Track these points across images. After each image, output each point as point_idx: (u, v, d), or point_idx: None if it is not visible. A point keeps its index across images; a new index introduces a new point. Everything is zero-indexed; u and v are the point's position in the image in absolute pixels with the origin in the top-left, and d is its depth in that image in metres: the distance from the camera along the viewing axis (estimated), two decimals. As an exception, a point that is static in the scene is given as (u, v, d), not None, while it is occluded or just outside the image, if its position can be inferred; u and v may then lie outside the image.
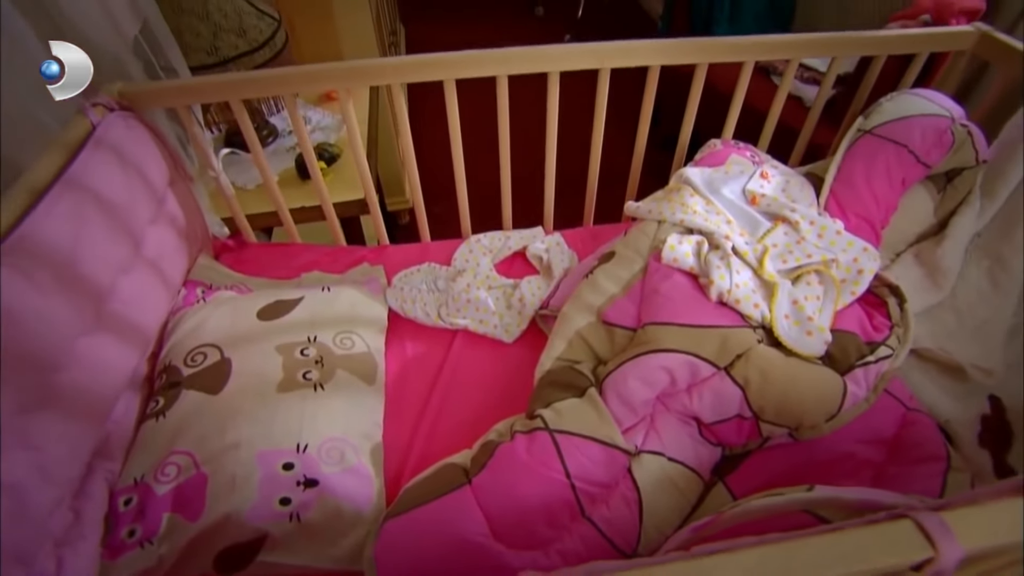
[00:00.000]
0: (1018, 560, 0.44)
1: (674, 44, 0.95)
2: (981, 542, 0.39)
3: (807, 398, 0.67)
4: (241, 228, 1.10)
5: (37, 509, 0.61)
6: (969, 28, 1.01)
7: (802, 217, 0.83)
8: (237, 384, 0.79)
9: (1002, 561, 0.44)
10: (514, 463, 0.65)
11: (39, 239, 0.66)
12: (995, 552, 0.40)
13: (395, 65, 0.89)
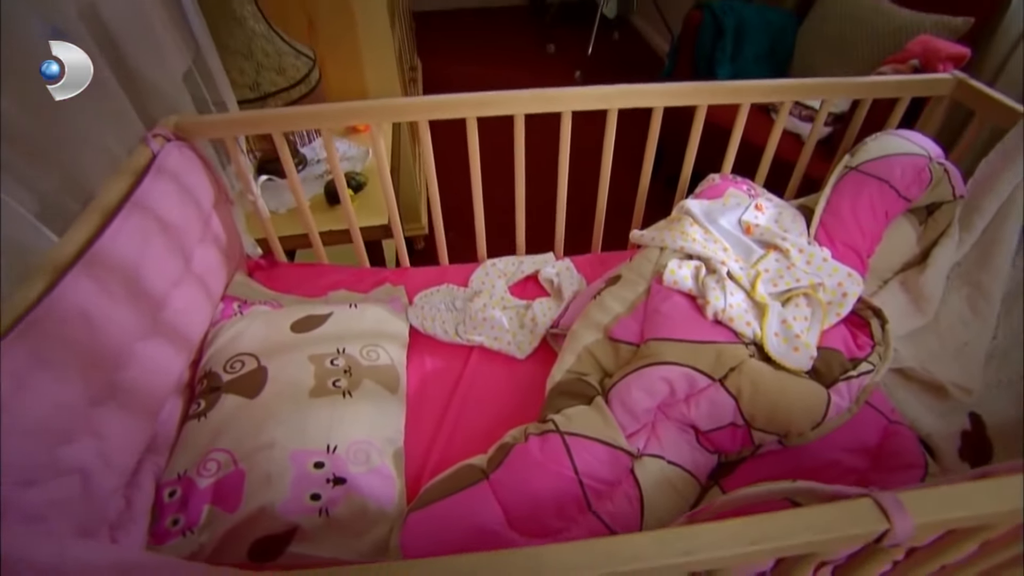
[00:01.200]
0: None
1: (676, 88, 1.05)
2: (930, 517, 0.46)
3: (794, 407, 0.75)
4: (273, 249, 1.20)
5: (99, 491, 0.69)
6: (947, 76, 1.12)
7: (792, 245, 0.91)
8: (272, 390, 0.88)
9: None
10: (528, 461, 0.72)
11: (111, 253, 0.75)
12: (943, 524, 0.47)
13: (423, 103, 1.00)
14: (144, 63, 0.97)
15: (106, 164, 0.87)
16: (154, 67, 0.99)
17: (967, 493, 0.48)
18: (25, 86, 0.72)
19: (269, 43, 1.23)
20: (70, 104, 0.78)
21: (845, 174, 1.00)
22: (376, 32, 1.58)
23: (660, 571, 0.45)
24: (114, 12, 0.91)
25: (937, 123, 1.17)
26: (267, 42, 1.23)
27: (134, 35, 0.94)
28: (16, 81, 0.71)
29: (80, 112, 0.81)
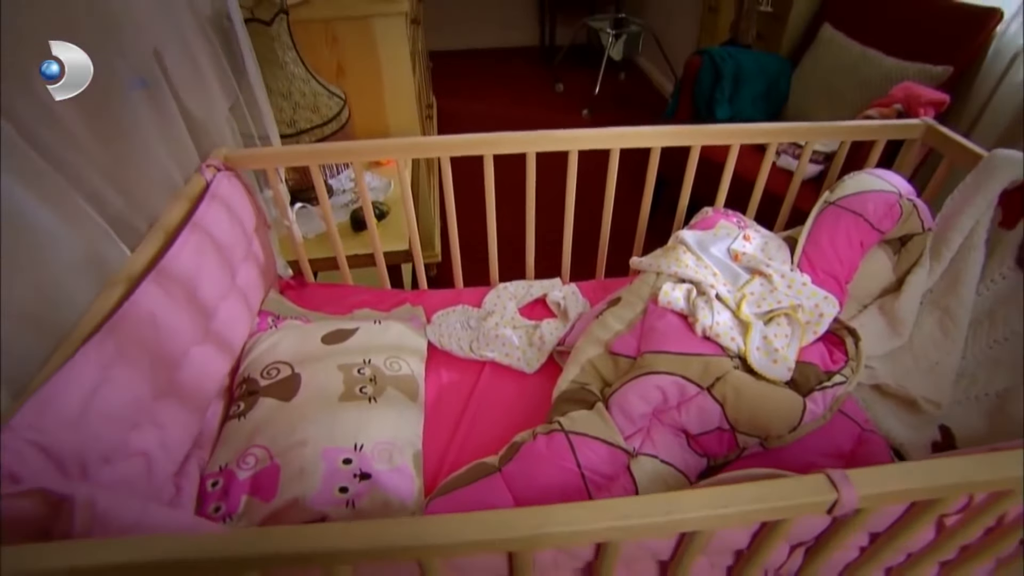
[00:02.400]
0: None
1: (672, 130, 1.19)
2: (870, 489, 0.57)
3: (773, 413, 0.85)
4: (303, 270, 1.32)
5: (158, 475, 0.79)
6: (917, 121, 1.25)
7: (775, 271, 1.03)
8: (305, 394, 0.98)
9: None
10: (536, 456, 0.82)
11: (175, 267, 0.88)
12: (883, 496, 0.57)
13: (445, 142, 1.14)
14: (196, 100, 1.11)
15: (167, 188, 1.00)
16: (205, 104, 1.13)
17: (904, 470, 0.59)
18: (104, 119, 0.85)
19: (306, 84, 1.38)
20: (139, 134, 0.92)
21: (825, 208, 1.12)
22: (398, 75, 1.74)
23: (648, 528, 0.55)
24: (174, 57, 1.05)
25: (912, 163, 1.30)
26: (304, 84, 1.38)
27: (189, 76, 1.08)
28: (97, 115, 0.85)
29: (147, 142, 0.95)
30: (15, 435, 0.59)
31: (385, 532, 0.54)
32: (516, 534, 0.53)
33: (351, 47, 1.68)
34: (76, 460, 0.65)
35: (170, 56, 1.04)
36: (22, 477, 0.58)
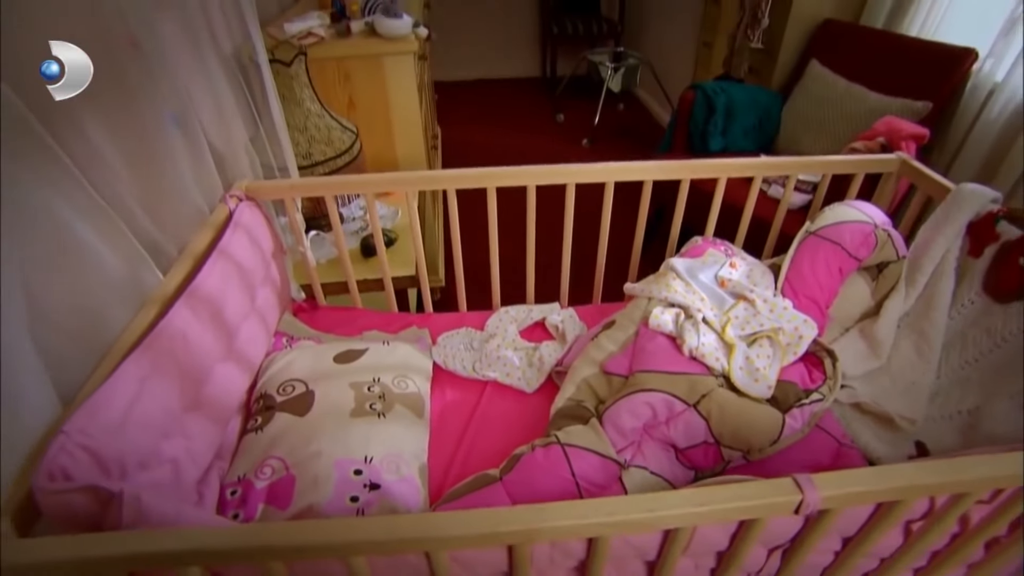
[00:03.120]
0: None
1: (663, 165, 1.29)
2: (832, 490, 0.64)
3: (755, 427, 0.92)
4: (315, 293, 1.41)
5: (185, 482, 0.86)
6: (892, 156, 1.34)
7: (758, 297, 1.11)
8: (319, 409, 1.06)
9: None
10: (534, 466, 0.90)
11: (203, 290, 0.96)
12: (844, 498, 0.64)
13: (451, 176, 1.23)
14: (219, 134, 1.21)
15: (195, 216, 1.09)
16: (227, 137, 1.23)
17: (862, 473, 0.66)
18: (142, 155, 0.94)
19: (321, 119, 1.49)
20: (173, 167, 1.01)
21: (806, 238, 1.21)
22: (406, 109, 1.85)
23: (633, 524, 0.62)
24: (200, 94, 1.15)
25: (890, 195, 1.39)
26: (319, 119, 1.49)
27: (212, 112, 1.18)
28: (137, 151, 0.94)
29: (179, 174, 1.04)
30: (69, 438, 0.67)
31: (397, 526, 0.61)
32: (515, 528, 0.60)
33: (362, 83, 1.80)
34: (117, 463, 0.72)
35: (196, 93, 1.14)
36: (74, 475, 0.65)
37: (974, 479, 0.67)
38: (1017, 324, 1.04)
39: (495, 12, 4.58)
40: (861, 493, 0.65)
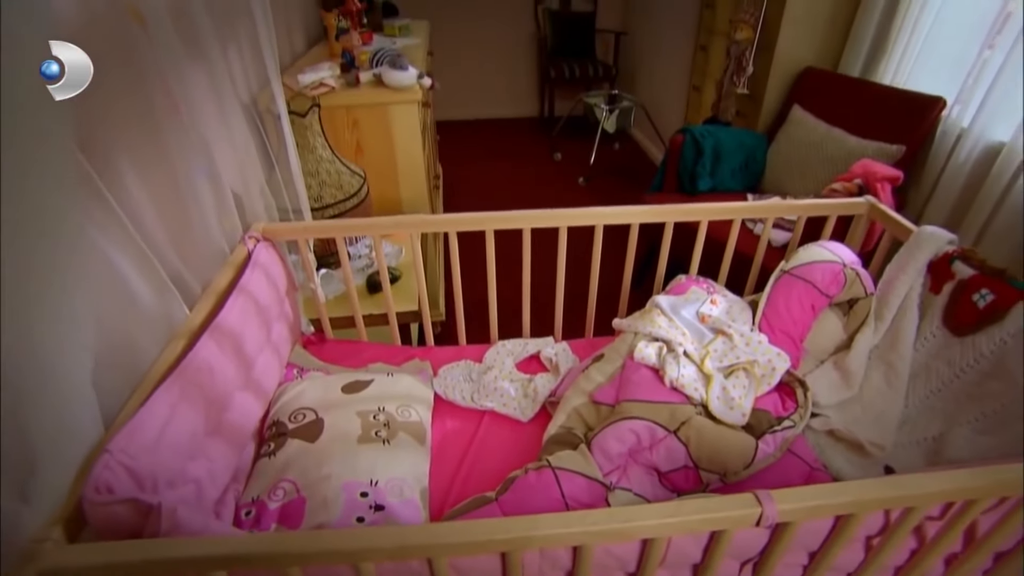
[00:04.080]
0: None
1: (648, 209, 1.40)
2: (789, 504, 0.72)
3: (730, 452, 1.01)
4: (324, 327, 1.51)
5: (205, 501, 0.94)
6: (861, 200, 1.46)
7: (736, 332, 1.21)
8: (328, 436, 1.14)
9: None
10: (527, 488, 0.98)
11: (226, 324, 1.06)
12: (802, 510, 0.73)
13: (452, 219, 1.35)
14: (237, 177, 1.32)
15: (218, 255, 1.20)
16: (243, 180, 1.34)
17: (817, 490, 0.75)
18: (174, 201, 1.06)
19: (331, 165, 1.61)
20: (196, 210, 1.12)
21: (780, 276, 1.31)
22: (410, 154, 1.99)
23: (612, 533, 0.71)
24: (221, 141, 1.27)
25: (861, 235, 1.50)
26: (330, 164, 1.61)
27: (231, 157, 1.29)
28: (170, 198, 1.06)
29: (205, 217, 1.15)
30: (112, 456, 0.76)
31: (403, 535, 0.70)
32: (508, 536, 0.69)
33: (370, 129, 1.93)
34: (151, 480, 0.81)
35: (219, 140, 1.26)
36: (115, 490, 0.74)
37: (920, 493, 0.76)
38: (973, 356, 1.14)
39: (496, 56, 4.81)
40: (815, 507, 0.74)
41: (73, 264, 0.72)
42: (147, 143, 1.01)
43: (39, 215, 0.67)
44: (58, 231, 0.70)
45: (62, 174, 0.71)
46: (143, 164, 0.99)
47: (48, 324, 0.68)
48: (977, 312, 1.14)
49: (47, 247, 0.68)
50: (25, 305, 0.65)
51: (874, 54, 2.31)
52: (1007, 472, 0.78)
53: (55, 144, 0.70)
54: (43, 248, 0.68)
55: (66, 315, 0.71)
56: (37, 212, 0.67)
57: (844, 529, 0.80)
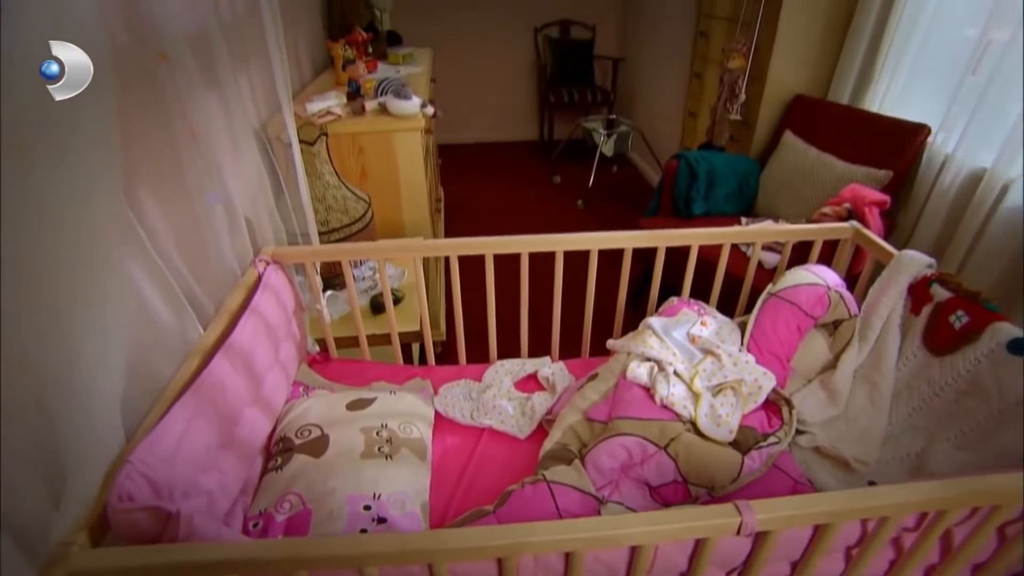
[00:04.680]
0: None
1: (640, 234, 1.47)
2: (766, 514, 0.78)
3: (717, 467, 1.06)
4: (328, 347, 1.57)
5: (216, 512, 0.99)
6: (846, 225, 1.53)
7: (724, 352, 1.27)
8: (333, 451, 1.19)
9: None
10: (523, 501, 1.03)
11: (238, 343, 1.12)
12: (778, 519, 0.78)
13: (453, 244, 1.42)
14: (250, 204, 1.39)
15: (230, 277, 1.26)
16: (253, 205, 1.41)
17: (794, 500, 0.80)
18: (193, 230, 1.13)
19: (338, 191, 1.69)
20: (211, 235, 1.19)
21: (768, 299, 1.38)
22: (412, 179, 2.07)
23: (601, 540, 0.76)
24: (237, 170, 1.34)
25: (847, 259, 1.56)
26: (336, 190, 1.69)
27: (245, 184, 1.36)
28: (190, 228, 1.13)
29: (218, 241, 1.22)
30: (133, 467, 0.81)
31: (405, 541, 0.75)
32: (504, 542, 0.74)
33: (374, 156, 2.02)
34: (167, 490, 0.86)
35: (233, 166, 1.32)
36: (135, 498, 0.80)
37: (891, 503, 0.81)
38: (951, 375, 1.19)
39: (497, 81, 4.95)
40: (792, 516, 0.79)
41: (108, 291, 0.79)
42: (167, 170, 1.08)
43: (84, 249, 0.74)
44: (99, 263, 0.76)
45: (109, 216, 0.78)
46: (163, 190, 1.06)
47: (85, 346, 0.74)
48: (954, 333, 1.20)
49: (88, 277, 0.75)
50: (67, 331, 0.72)
51: (862, 82, 2.40)
52: (974, 484, 0.83)
53: (106, 188, 0.77)
54: (84, 279, 0.74)
55: (100, 338, 0.77)
56: (82, 247, 0.74)
57: (823, 539, 0.85)
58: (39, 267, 0.68)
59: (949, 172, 1.97)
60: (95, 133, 0.74)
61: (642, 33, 4.43)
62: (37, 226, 0.67)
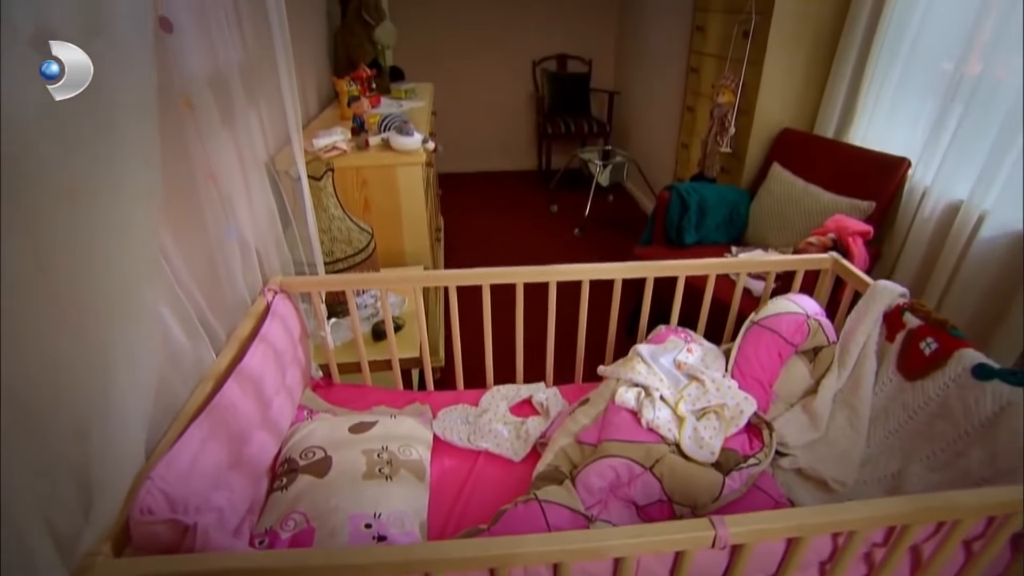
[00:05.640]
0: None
1: (630, 265, 1.56)
2: (738, 527, 0.84)
3: (699, 487, 1.12)
4: (332, 372, 1.64)
5: (226, 528, 1.06)
6: (826, 256, 1.62)
7: (708, 378, 1.34)
8: (336, 472, 1.26)
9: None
10: (516, 519, 1.09)
11: (248, 368, 1.20)
12: (748, 533, 0.85)
13: (452, 275, 1.50)
14: (259, 236, 1.48)
15: (240, 304, 1.35)
16: (265, 238, 1.50)
17: (765, 515, 0.87)
18: (205, 258, 1.21)
19: (342, 223, 1.78)
20: (224, 267, 1.28)
21: (750, 327, 1.46)
22: (413, 210, 2.17)
23: (586, 551, 0.83)
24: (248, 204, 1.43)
25: (828, 288, 1.65)
26: (341, 222, 1.78)
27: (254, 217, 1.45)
28: (208, 262, 1.21)
29: (231, 272, 1.31)
30: (153, 483, 0.88)
31: (407, 551, 0.82)
32: (497, 552, 0.81)
33: (377, 188, 2.12)
34: (183, 505, 0.93)
35: (244, 200, 1.41)
36: (155, 511, 0.87)
37: (856, 518, 0.88)
38: (923, 399, 1.27)
39: (497, 113, 5.11)
40: (763, 529, 0.86)
41: (140, 323, 0.87)
42: (187, 207, 1.17)
43: (119, 284, 0.82)
44: (132, 297, 0.85)
45: (143, 252, 0.87)
46: (183, 225, 1.15)
47: (119, 373, 0.82)
48: (924, 359, 1.28)
49: (123, 312, 0.83)
50: (105, 361, 0.80)
51: (846, 115, 2.51)
52: (934, 499, 0.90)
53: (142, 229, 0.86)
54: (119, 314, 0.83)
55: (131, 365, 0.85)
56: (118, 282, 0.82)
57: (795, 552, 0.92)
58: (85, 305, 0.76)
59: (928, 203, 2.06)
60: (137, 179, 0.83)
61: (637, 67, 4.59)
62: (85, 265, 0.76)
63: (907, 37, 2.20)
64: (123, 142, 0.78)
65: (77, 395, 0.77)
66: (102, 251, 0.78)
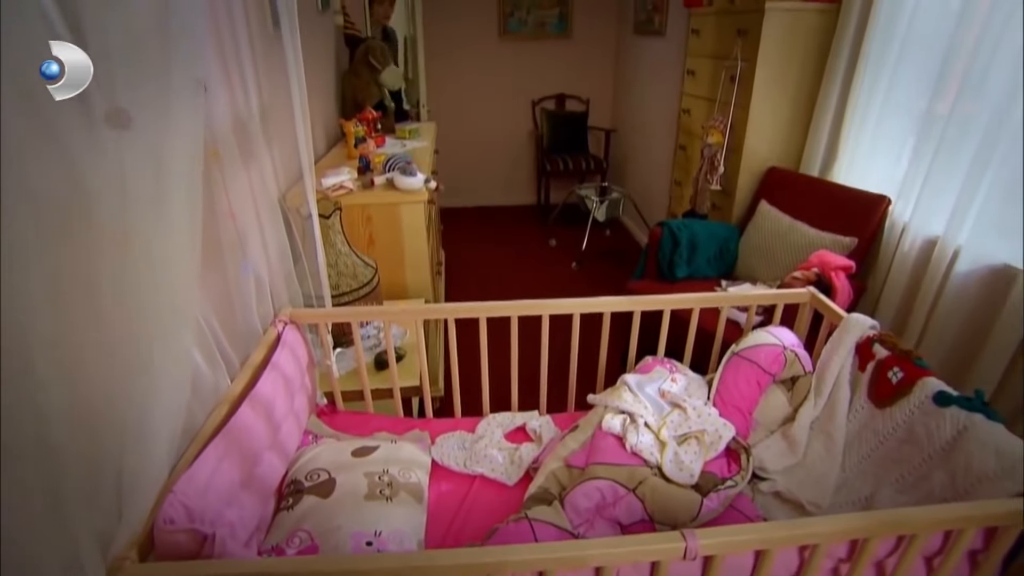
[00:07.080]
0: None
1: (619, 300, 1.67)
2: (707, 540, 0.93)
3: (679, 507, 1.21)
4: (336, 400, 1.74)
5: (236, 543, 1.15)
6: (804, 291, 1.73)
7: (690, 406, 1.44)
8: (339, 493, 1.35)
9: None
10: (507, 535, 1.18)
11: (261, 393, 1.30)
12: (716, 545, 0.94)
13: (451, 308, 1.62)
14: (271, 270, 1.60)
15: (252, 334, 1.46)
16: (275, 272, 1.62)
17: (732, 529, 0.96)
18: (225, 293, 1.33)
19: (348, 258, 1.90)
20: (239, 301, 1.39)
21: (731, 358, 1.56)
22: (416, 246, 2.29)
23: (569, 560, 0.92)
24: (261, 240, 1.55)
25: (807, 320, 1.75)
26: (347, 257, 1.90)
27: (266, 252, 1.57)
28: (227, 297, 1.33)
29: (246, 304, 1.42)
30: (175, 496, 0.98)
31: (408, 559, 0.91)
32: (489, 560, 0.90)
33: (381, 225, 2.25)
34: (200, 518, 1.03)
35: (259, 237, 1.53)
36: (176, 521, 0.96)
37: (816, 532, 0.97)
38: (892, 425, 1.36)
39: (497, 149, 5.31)
40: (730, 542, 0.95)
41: (173, 353, 0.99)
42: (208, 245, 1.29)
43: (159, 318, 0.94)
44: (168, 329, 0.97)
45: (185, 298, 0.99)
46: (205, 261, 1.26)
47: (157, 398, 0.93)
48: (892, 387, 1.37)
49: (161, 345, 0.95)
50: (146, 388, 0.91)
51: (830, 153, 2.65)
52: (891, 515, 0.99)
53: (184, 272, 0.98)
54: (159, 346, 0.94)
55: (166, 390, 0.96)
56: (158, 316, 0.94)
57: (763, 565, 1.00)
58: (135, 340, 0.88)
59: (908, 239, 2.17)
60: (183, 220, 0.96)
61: (633, 107, 4.79)
62: (135, 308, 0.87)
63: (883, 77, 2.32)
64: (172, 190, 0.91)
65: (117, 419, 0.88)
66: (151, 294, 0.89)
